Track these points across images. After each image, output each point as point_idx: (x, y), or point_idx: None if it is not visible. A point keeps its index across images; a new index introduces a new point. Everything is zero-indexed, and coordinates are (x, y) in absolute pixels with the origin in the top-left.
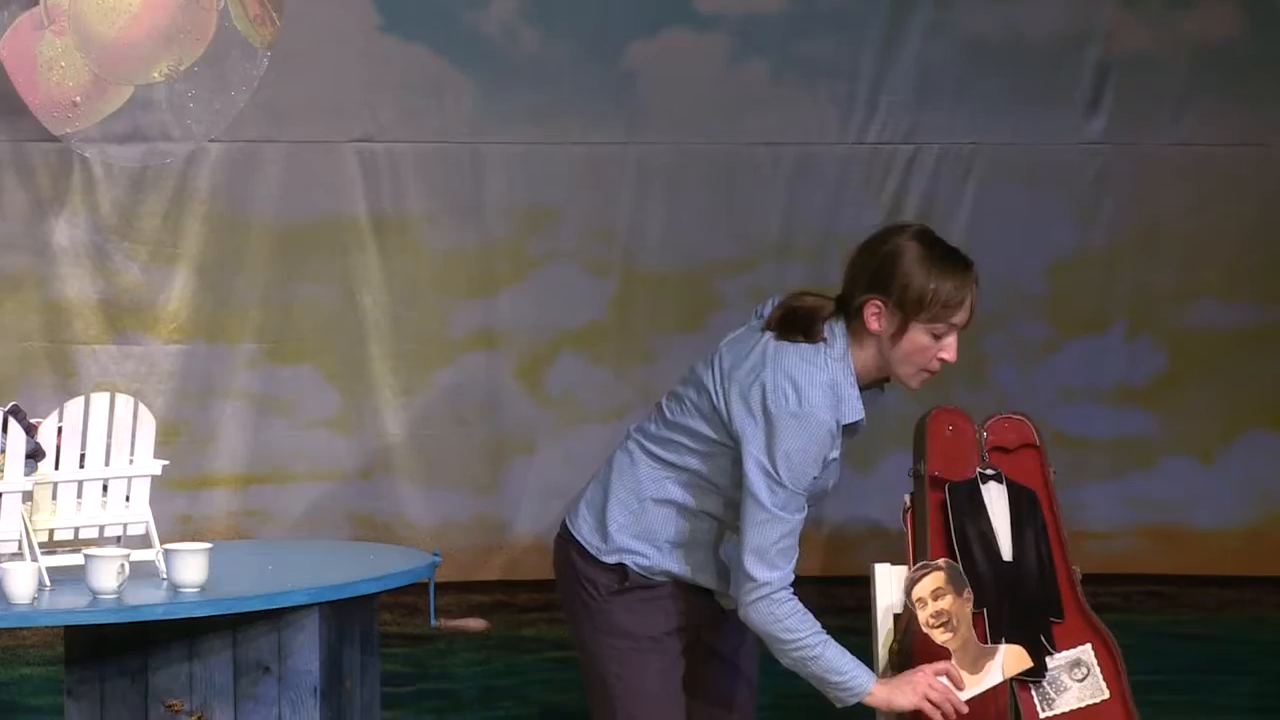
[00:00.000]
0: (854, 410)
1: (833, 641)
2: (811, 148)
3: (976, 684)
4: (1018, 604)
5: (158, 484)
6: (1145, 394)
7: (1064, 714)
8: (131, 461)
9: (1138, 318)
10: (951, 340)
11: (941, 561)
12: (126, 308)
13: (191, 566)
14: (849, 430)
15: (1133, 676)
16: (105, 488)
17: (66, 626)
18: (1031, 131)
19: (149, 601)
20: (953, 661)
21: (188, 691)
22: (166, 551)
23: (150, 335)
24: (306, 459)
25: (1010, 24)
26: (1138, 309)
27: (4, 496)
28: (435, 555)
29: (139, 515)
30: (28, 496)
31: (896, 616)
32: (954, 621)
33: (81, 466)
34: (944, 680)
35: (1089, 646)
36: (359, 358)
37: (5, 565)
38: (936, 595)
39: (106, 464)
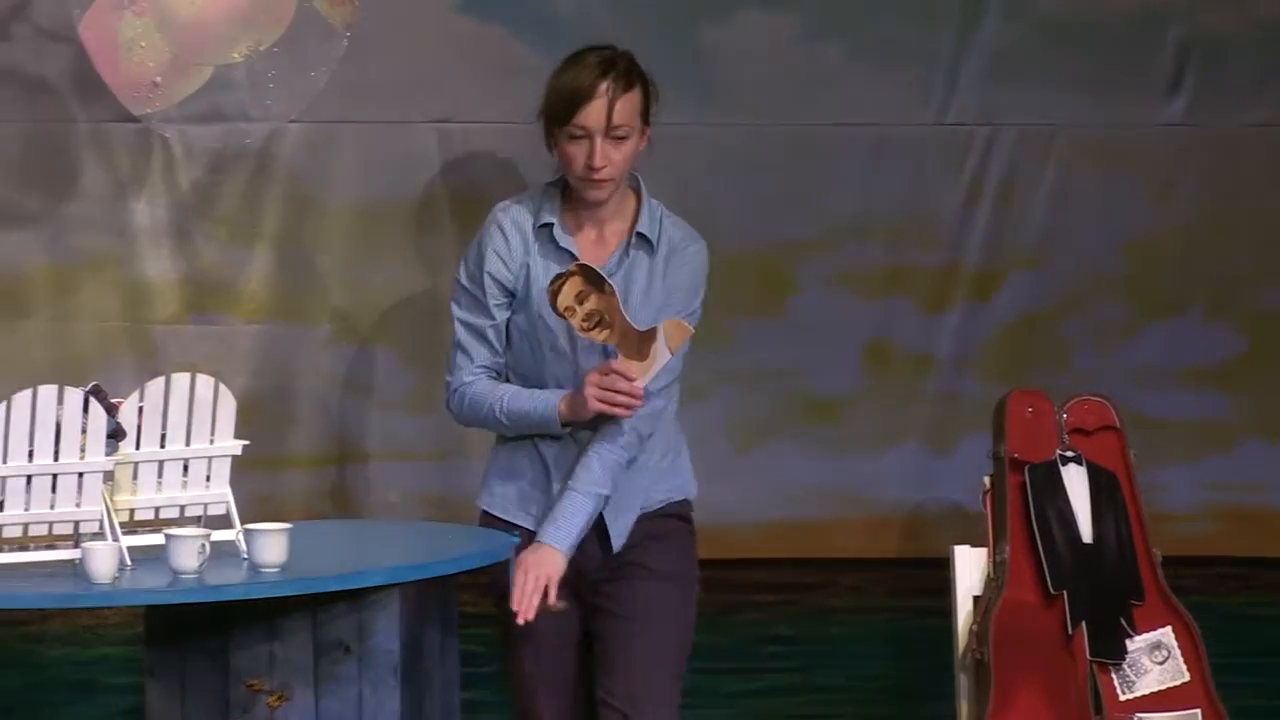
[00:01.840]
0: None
1: (507, 396)
2: (889, 128)
3: (647, 369)
4: (1098, 586)
5: (237, 464)
6: (1223, 376)
7: (1144, 696)
8: (212, 441)
9: (1216, 300)
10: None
11: (573, 266)
12: (206, 287)
13: (272, 546)
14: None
15: (1211, 659)
16: (186, 467)
17: (147, 606)
18: (1110, 112)
19: (229, 581)
20: (617, 357)
21: (268, 671)
22: (247, 531)
23: (229, 315)
24: (383, 439)
25: (1090, 4)
26: (1216, 291)
27: (85, 476)
28: (514, 535)
29: (219, 495)
30: (109, 476)
31: (976, 598)
32: (606, 317)
33: (162, 446)
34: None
35: (1169, 629)
36: (435, 338)
37: (87, 545)
38: (581, 299)
39: (187, 444)
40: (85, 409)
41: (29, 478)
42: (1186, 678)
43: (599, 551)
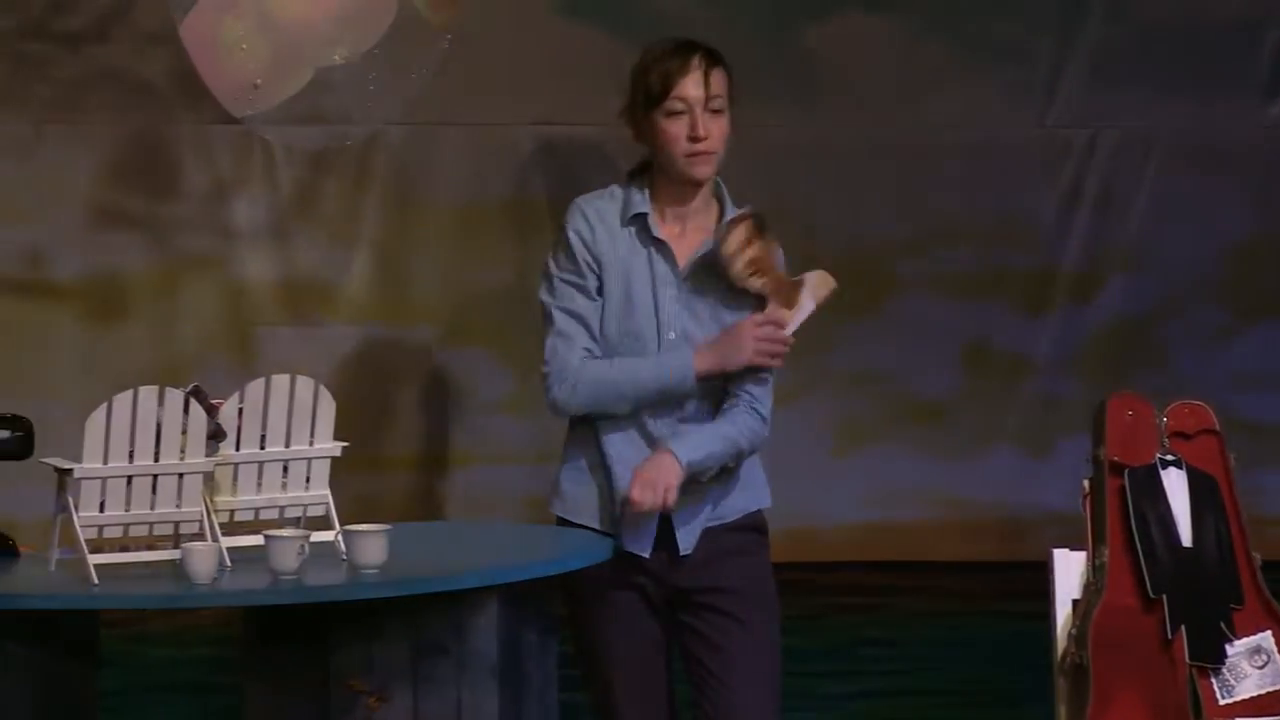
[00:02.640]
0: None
1: (624, 368)
2: (988, 131)
3: (794, 317)
4: (1197, 590)
5: (337, 465)
6: None
7: (1243, 701)
8: (312, 443)
9: None
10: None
11: (747, 208)
12: (306, 289)
13: (371, 548)
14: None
15: None
16: (285, 469)
17: (246, 607)
18: (1210, 115)
19: (329, 582)
20: (770, 305)
21: (366, 672)
22: (346, 532)
23: (329, 316)
24: (482, 441)
25: (1189, 7)
26: None
27: (186, 477)
28: (612, 538)
29: (319, 496)
30: (209, 477)
31: (1075, 602)
32: (764, 265)
33: (262, 448)
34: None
35: (1269, 634)
36: (534, 340)
37: (187, 545)
38: (746, 245)
39: (287, 445)
40: (186, 410)
41: (129, 478)
42: None
43: (676, 561)
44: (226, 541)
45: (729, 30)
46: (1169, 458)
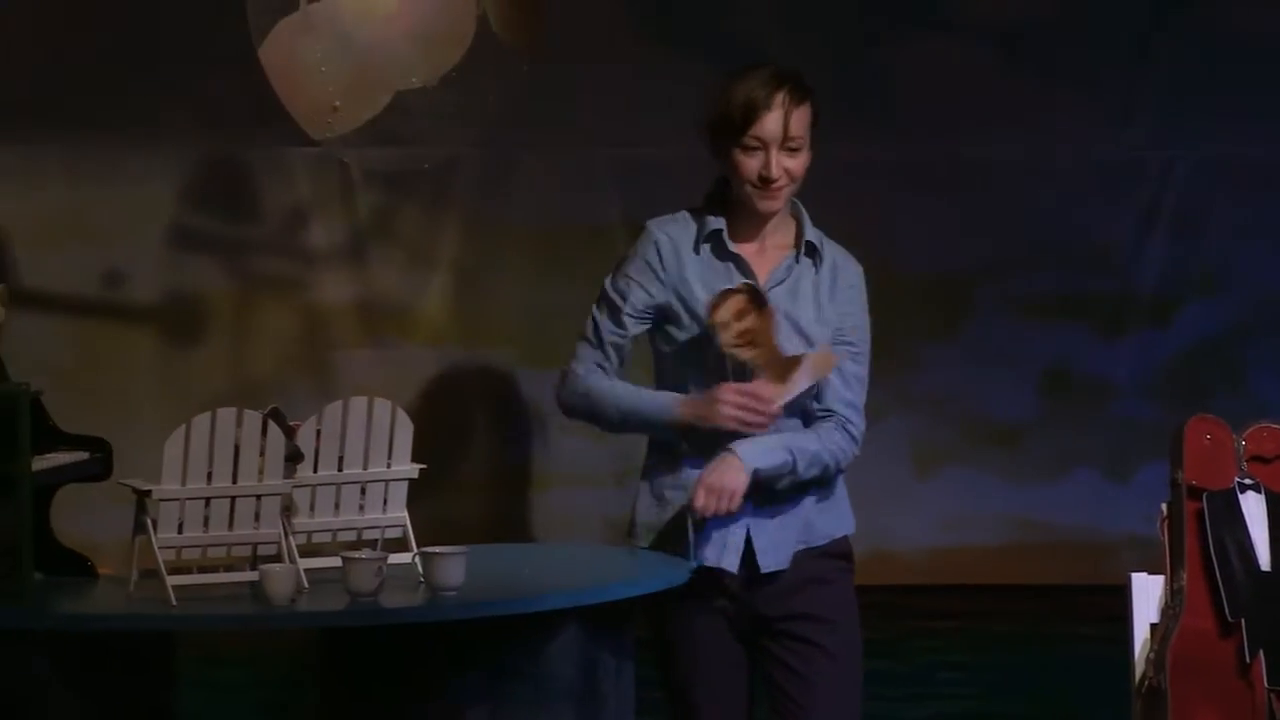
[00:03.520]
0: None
1: (621, 388)
2: (1065, 155)
3: (785, 392)
4: (1276, 614)
5: (414, 487)
6: None
7: None
8: (389, 465)
9: None
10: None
11: (740, 284)
12: (383, 312)
13: (449, 570)
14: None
15: None
16: (363, 491)
17: (324, 629)
18: None
19: (406, 604)
20: (760, 378)
21: (443, 695)
22: (424, 554)
23: (407, 339)
24: (560, 463)
25: (1266, 30)
26: None
27: (264, 499)
28: (692, 561)
29: (396, 518)
30: (286, 499)
31: (1153, 626)
32: (758, 338)
33: (340, 469)
34: (749, 399)
35: None
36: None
37: (265, 567)
38: (739, 316)
39: (364, 467)
40: (264, 432)
41: (208, 500)
42: None
43: (758, 581)
44: (304, 563)
45: (808, 52)
46: (1247, 481)
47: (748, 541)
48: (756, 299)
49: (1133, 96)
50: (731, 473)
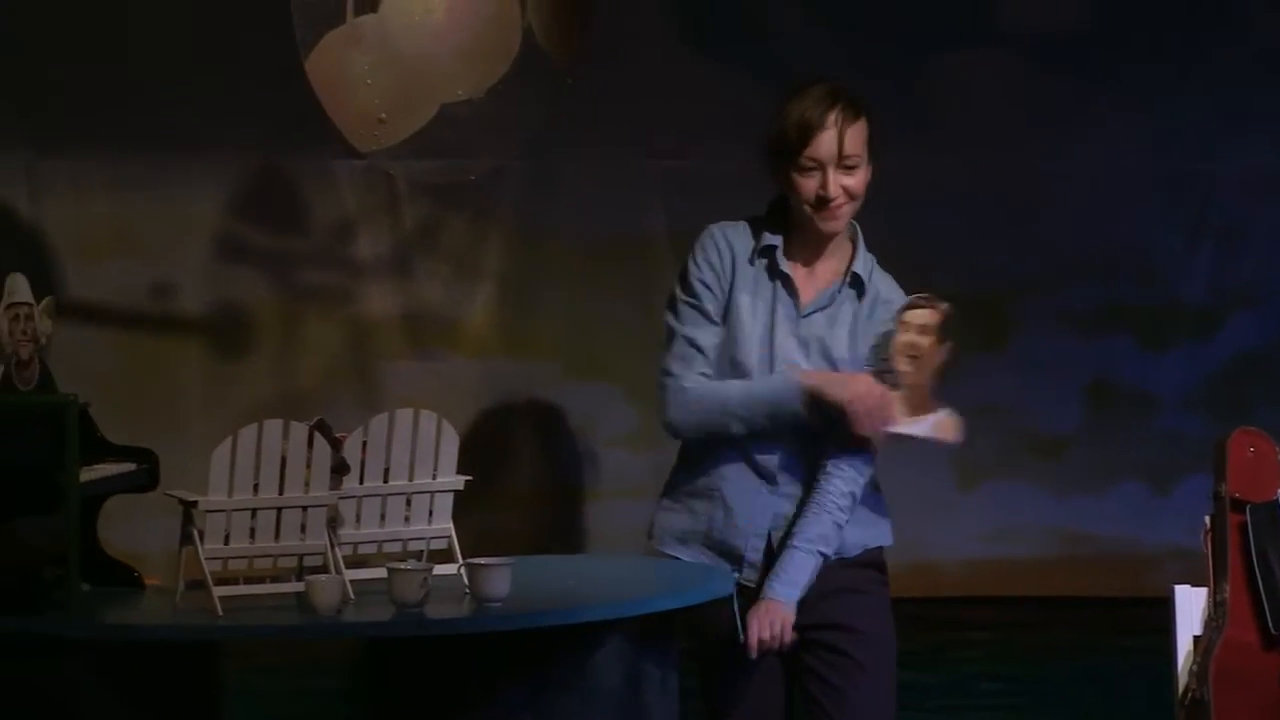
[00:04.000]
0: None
1: (736, 385)
2: (1110, 167)
3: (905, 425)
4: None
5: (459, 499)
6: None
7: None
8: (435, 476)
9: None
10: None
11: (945, 305)
12: (429, 323)
13: (493, 581)
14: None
15: None
16: (408, 502)
17: (369, 639)
18: None
19: (451, 615)
20: (899, 394)
21: (489, 705)
22: (469, 566)
23: (452, 351)
24: (605, 474)
25: None
26: None
27: (310, 510)
28: (735, 571)
29: (441, 530)
30: (332, 510)
31: (1196, 638)
32: (922, 360)
33: (385, 481)
34: (880, 401)
35: None
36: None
37: (310, 578)
38: (924, 331)
39: (410, 479)
40: (310, 444)
41: (254, 511)
42: None
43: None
44: (350, 574)
45: (853, 63)
46: None
47: (768, 553)
48: (945, 326)
49: (1178, 109)
50: (778, 611)
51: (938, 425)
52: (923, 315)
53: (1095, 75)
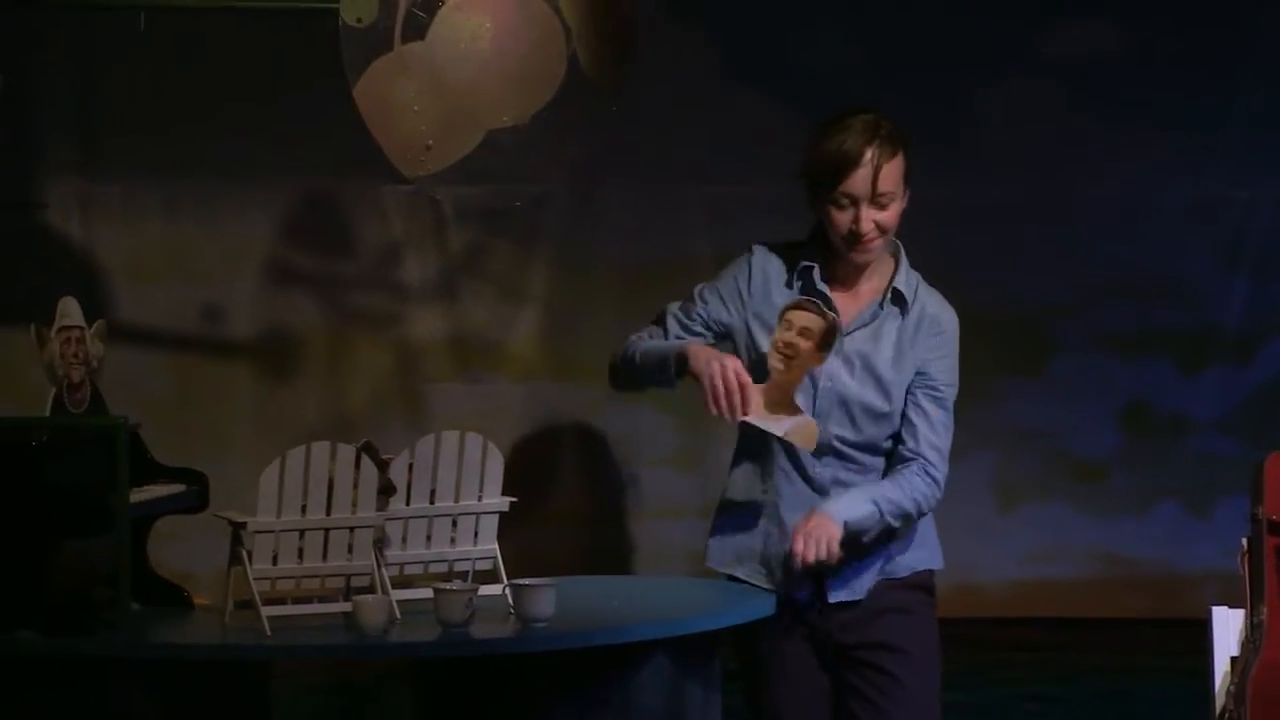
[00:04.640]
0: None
1: (649, 342)
2: (1147, 192)
3: (759, 419)
4: None
5: (505, 520)
6: None
7: None
8: (480, 498)
9: None
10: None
11: (833, 316)
12: (475, 347)
13: (538, 601)
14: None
15: None
16: (454, 523)
17: (415, 659)
18: None
19: (496, 635)
20: (762, 388)
21: None
22: (513, 586)
23: (498, 374)
24: (650, 496)
25: None
26: None
27: (357, 531)
28: (775, 592)
29: (487, 551)
30: (379, 531)
31: (1234, 659)
32: (795, 361)
33: (431, 503)
34: (737, 385)
35: None
36: (701, 398)
37: (358, 598)
38: (803, 333)
39: (456, 500)
40: (357, 465)
41: (302, 532)
42: None
43: (827, 609)
44: (396, 594)
45: (894, 92)
46: None
47: (819, 574)
48: (828, 337)
49: (1215, 134)
50: (826, 523)
51: (796, 429)
52: (807, 318)
53: (1133, 103)
